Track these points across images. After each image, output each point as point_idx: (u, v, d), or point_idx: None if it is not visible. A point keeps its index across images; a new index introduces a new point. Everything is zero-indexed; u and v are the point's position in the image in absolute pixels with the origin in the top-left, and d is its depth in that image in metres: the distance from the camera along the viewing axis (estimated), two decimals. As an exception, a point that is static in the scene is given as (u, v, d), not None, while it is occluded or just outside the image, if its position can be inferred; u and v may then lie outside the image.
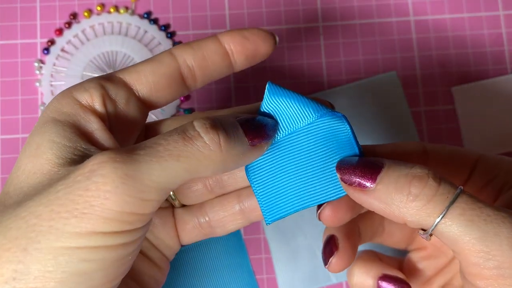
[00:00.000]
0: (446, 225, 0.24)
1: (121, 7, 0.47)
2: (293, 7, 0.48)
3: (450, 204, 0.23)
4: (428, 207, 0.24)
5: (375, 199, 0.25)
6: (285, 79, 0.47)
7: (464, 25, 0.48)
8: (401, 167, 0.25)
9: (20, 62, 0.47)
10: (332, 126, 0.28)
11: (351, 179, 0.26)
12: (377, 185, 0.25)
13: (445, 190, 0.24)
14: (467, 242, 0.23)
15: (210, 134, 0.24)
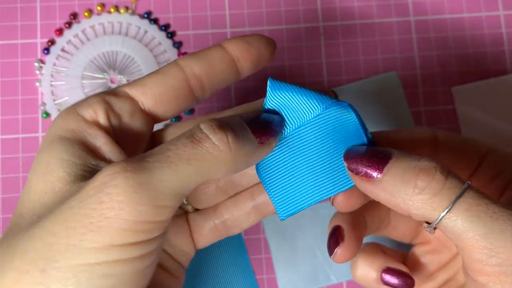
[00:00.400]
0: (451, 220, 0.23)
1: (121, 7, 0.47)
2: (293, 7, 0.48)
3: (457, 198, 0.23)
4: (434, 201, 0.24)
5: (381, 189, 0.25)
6: (285, 79, 0.47)
7: (464, 25, 0.48)
8: (409, 159, 0.25)
9: (20, 62, 0.47)
10: (338, 116, 0.28)
11: (358, 168, 0.26)
12: (384, 175, 0.25)
13: (452, 185, 0.24)
14: (471, 238, 0.23)
15: (218, 135, 0.24)
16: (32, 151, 0.45)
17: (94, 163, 0.25)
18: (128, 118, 0.28)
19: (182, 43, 0.47)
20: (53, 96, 0.46)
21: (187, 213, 0.32)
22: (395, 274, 0.31)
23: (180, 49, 0.47)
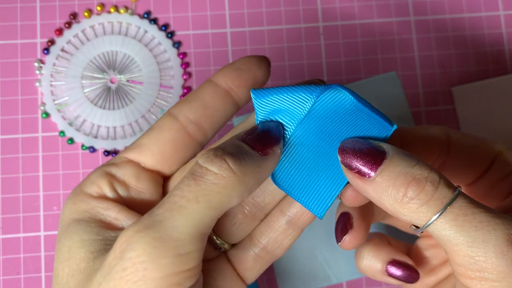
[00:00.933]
0: (437, 228, 0.24)
1: (121, 7, 0.47)
2: (293, 7, 0.48)
3: (444, 209, 0.24)
4: (420, 211, 0.24)
5: (372, 189, 0.25)
6: (285, 79, 0.47)
7: (464, 25, 0.48)
8: (404, 163, 0.25)
9: (20, 62, 0.47)
10: (334, 100, 0.27)
11: (352, 164, 0.26)
12: (376, 176, 0.25)
13: (441, 195, 0.24)
14: (455, 245, 0.24)
15: (217, 163, 0.24)
16: (32, 151, 0.45)
17: (113, 234, 0.25)
18: (134, 182, 0.27)
19: (182, 43, 0.47)
20: (52, 96, 0.46)
21: (225, 252, 0.31)
22: (401, 266, 0.31)
23: (179, 49, 0.47)
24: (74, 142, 0.46)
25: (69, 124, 0.46)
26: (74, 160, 0.45)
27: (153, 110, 0.46)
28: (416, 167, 0.24)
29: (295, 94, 0.27)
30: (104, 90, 0.46)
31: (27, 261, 0.44)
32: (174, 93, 0.46)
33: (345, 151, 0.26)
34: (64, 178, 0.45)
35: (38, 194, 0.45)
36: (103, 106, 0.46)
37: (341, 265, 0.44)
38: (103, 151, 0.46)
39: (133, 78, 0.47)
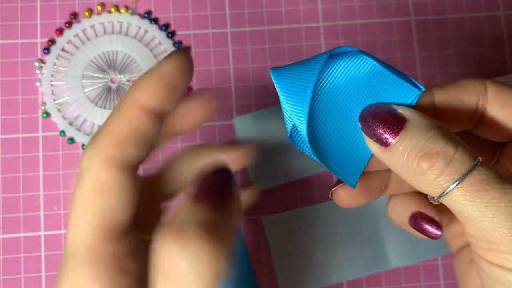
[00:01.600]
0: (449, 201, 0.24)
1: (121, 7, 0.47)
2: (294, 7, 0.48)
3: (456, 184, 0.24)
4: (432, 184, 0.24)
5: (389, 159, 0.25)
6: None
7: (464, 25, 0.48)
8: (419, 135, 0.25)
9: (21, 61, 0.47)
10: (354, 66, 0.26)
11: (370, 131, 0.26)
12: (393, 146, 0.25)
13: (453, 170, 0.24)
14: (466, 218, 0.24)
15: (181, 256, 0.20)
16: (33, 151, 0.45)
17: None
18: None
19: (182, 42, 0.47)
20: (53, 95, 0.46)
21: None
22: (424, 220, 0.31)
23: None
24: (75, 142, 0.46)
25: (70, 124, 0.46)
26: (74, 160, 0.45)
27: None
28: (430, 140, 0.24)
29: (312, 62, 0.26)
30: (104, 89, 0.46)
31: (27, 261, 0.44)
32: (175, 93, 0.46)
33: (364, 119, 0.26)
34: (64, 178, 0.45)
35: (38, 194, 0.45)
36: (103, 106, 0.46)
37: (342, 265, 0.44)
38: (103, 151, 0.46)
39: (133, 78, 0.47)
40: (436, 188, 0.24)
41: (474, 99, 0.28)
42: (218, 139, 0.46)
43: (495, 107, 0.28)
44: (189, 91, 0.47)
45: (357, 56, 0.26)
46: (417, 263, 0.45)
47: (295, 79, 0.26)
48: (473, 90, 0.28)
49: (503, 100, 0.28)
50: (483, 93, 0.28)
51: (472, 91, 0.28)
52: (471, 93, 0.28)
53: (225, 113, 0.47)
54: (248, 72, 0.47)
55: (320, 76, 0.26)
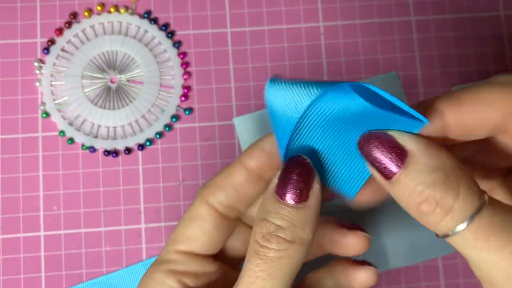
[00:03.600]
0: (451, 242, 0.24)
1: (121, 7, 0.47)
2: (294, 7, 0.48)
3: (454, 232, 0.23)
4: (433, 227, 0.24)
5: (390, 188, 0.24)
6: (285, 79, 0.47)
7: (464, 25, 0.48)
8: (419, 178, 0.23)
9: (20, 61, 0.47)
10: (345, 100, 0.25)
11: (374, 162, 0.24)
12: (396, 178, 0.24)
13: (453, 218, 0.23)
14: (468, 258, 0.24)
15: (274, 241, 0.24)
16: (32, 151, 0.45)
17: None
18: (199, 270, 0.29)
19: (182, 42, 0.47)
20: (53, 96, 0.46)
21: None
22: None
23: (180, 49, 0.47)
24: (74, 142, 0.46)
25: (69, 124, 0.46)
26: (74, 160, 0.45)
27: (153, 110, 0.46)
28: (430, 186, 0.23)
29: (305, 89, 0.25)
30: (104, 90, 0.46)
31: (27, 261, 0.44)
32: (175, 92, 0.46)
33: (363, 147, 0.25)
34: (64, 178, 0.45)
35: (38, 194, 0.45)
36: (103, 106, 0.46)
37: (342, 265, 0.44)
38: (103, 151, 0.46)
39: (133, 77, 0.46)
40: (437, 230, 0.24)
41: (498, 116, 0.25)
42: (218, 139, 0.46)
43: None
44: (188, 90, 0.47)
45: (342, 91, 0.24)
46: (417, 263, 0.45)
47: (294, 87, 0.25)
48: (498, 107, 0.25)
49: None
50: (508, 108, 0.25)
51: (496, 108, 0.25)
52: (495, 109, 0.25)
53: (225, 113, 0.46)
54: (248, 72, 0.47)
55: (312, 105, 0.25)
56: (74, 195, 0.45)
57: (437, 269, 0.45)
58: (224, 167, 0.30)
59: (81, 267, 0.44)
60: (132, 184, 0.45)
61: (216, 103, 0.47)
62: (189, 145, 0.46)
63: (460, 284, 0.45)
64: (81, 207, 0.45)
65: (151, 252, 0.45)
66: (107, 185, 0.45)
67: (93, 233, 0.45)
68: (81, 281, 0.44)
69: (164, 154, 0.46)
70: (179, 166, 0.46)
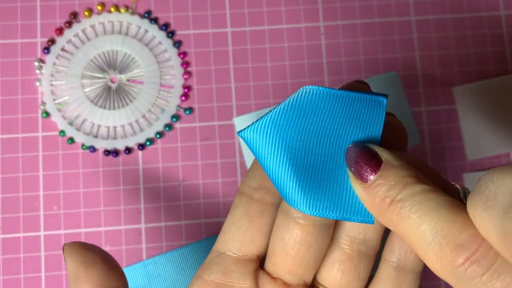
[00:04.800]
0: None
1: (121, 7, 0.47)
2: (294, 7, 0.48)
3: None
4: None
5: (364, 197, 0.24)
6: (285, 79, 0.47)
7: (465, 25, 0.48)
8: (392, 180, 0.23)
9: (20, 61, 0.47)
10: (309, 101, 0.25)
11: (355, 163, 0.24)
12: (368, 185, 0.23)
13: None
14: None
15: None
16: (32, 150, 0.45)
17: None
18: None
19: (182, 42, 0.47)
20: (53, 95, 0.46)
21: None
22: None
23: (180, 48, 0.47)
24: (74, 142, 0.46)
25: (69, 124, 0.46)
26: (74, 160, 0.45)
27: (154, 109, 0.46)
28: (398, 187, 0.22)
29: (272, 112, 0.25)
30: (104, 89, 0.46)
31: (27, 261, 0.44)
32: (175, 92, 0.46)
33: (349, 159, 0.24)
34: (64, 178, 0.45)
35: (38, 193, 0.45)
36: (103, 106, 0.46)
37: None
38: (103, 150, 0.45)
39: (133, 77, 0.46)
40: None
41: None
42: (218, 139, 0.46)
43: None
44: (189, 90, 0.47)
45: (303, 89, 0.25)
46: (417, 263, 0.45)
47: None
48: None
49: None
50: None
51: None
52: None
53: (225, 113, 0.46)
54: (248, 72, 0.47)
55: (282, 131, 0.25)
56: (74, 195, 0.45)
57: (437, 269, 0.45)
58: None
59: (81, 267, 0.44)
60: (132, 184, 0.45)
61: (216, 103, 0.47)
62: (189, 145, 0.46)
63: (460, 284, 0.45)
64: (81, 207, 0.45)
65: (151, 252, 0.45)
66: (107, 185, 0.45)
67: (93, 233, 0.45)
68: (81, 281, 0.44)
69: (164, 154, 0.46)
70: (179, 166, 0.46)
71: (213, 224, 0.45)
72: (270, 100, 0.47)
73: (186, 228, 0.45)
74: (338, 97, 0.25)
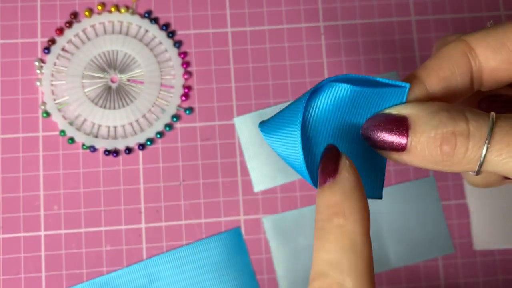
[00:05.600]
0: (490, 167, 0.24)
1: (121, 7, 0.47)
2: (294, 7, 0.48)
3: (485, 150, 0.24)
4: (465, 162, 0.24)
5: (411, 160, 0.25)
6: (285, 79, 0.47)
7: (465, 25, 0.48)
8: (427, 126, 0.24)
9: (21, 61, 0.47)
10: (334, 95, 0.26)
11: (380, 144, 0.25)
12: (410, 147, 0.24)
13: (476, 139, 0.24)
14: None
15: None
16: (33, 150, 0.45)
17: None
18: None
19: (182, 42, 0.47)
20: (53, 95, 0.46)
21: None
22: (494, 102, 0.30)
23: (180, 49, 0.47)
24: (75, 142, 0.46)
25: (70, 124, 0.46)
26: (74, 160, 0.45)
27: (154, 109, 0.46)
28: (440, 125, 0.24)
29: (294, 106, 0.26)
30: (104, 89, 0.46)
31: (27, 261, 0.44)
32: (175, 92, 0.46)
33: (368, 135, 0.26)
34: (64, 178, 0.45)
35: (38, 193, 0.45)
36: (103, 106, 0.46)
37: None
38: (103, 150, 0.46)
39: (133, 77, 0.46)
40: (470, 163, 0.24)
41: (465, 62, 0.27)
42: (219, 139, 0.46)
43: (490, 55, 0.27)
44: (189, 90, 0.47)
45: (333, 86, 0.26)
46: (417, 263, 0.45)
47: (281, 125, 0.26)
48: (459, 54, 0.27)
49: (493, 45, 0.27)
50: (470, 51, 0.27)
51: (458, 56, 0.27)
52: (458, 57, 0.27)
53: (226, 112, 0.47)
54: (248, 72, 0.47)
55: (306, 113, 0.26)
56: (74, 194, 0.45)
57: (437, 269, 0.46)
58: None
59: (81, 267, 0.44)
60: (132, 184, 0.45)
61: (216, 103, 0.47)
62: (190, 145, 0.46)
63: (460, 284, 0.45)
64: (82, 206, 0.45)
65: (151, 252, 0.45)
66: (107, 184, 0.45)
67: (93, 232, 0.45)
68: (81, 281, 0.44)
69: (165, 154, 0.46)
70: (179, 166, 0.46)
71: (213, 224, 0.45)
72: (270, 100, 0.47)
73: (186, 228, 0.45)
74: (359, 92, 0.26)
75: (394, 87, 0.25)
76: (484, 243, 0.46)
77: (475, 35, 0.27)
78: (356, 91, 0.26)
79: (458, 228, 0.46)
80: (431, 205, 0.46)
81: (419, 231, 0.45)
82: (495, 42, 0.26)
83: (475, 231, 0.46)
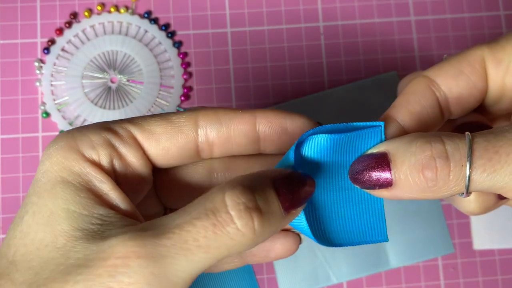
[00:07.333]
0: (478, 185, 0.24)
1: (121, 7, 0.47)
2: (294, 7, 0.48)
3: (468, 168, 0.24)
4: (451, 185, 0.24)
5: (401, 193, 0.25)
6: (285, 79, 0.47)
7: (464, 25, 0.48)
8: (406, 155, 0.24)
9: (20, 61, 0.47)
10: (316, 146, 0.26)
11: (369, 185, 0.25)
12: (395, 181, 0.25)
13: (456, 159, 0.24)
14: (503, 187, 0.24)
15: (244, 219, 0.22)
16: (32, 151, 0.45)
17: (102, 213, 0.24)
18: (133, 163, 0.26)
19: (182, 42, 0.47)
20: (53, 95, 0.46)
21: None
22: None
23: (180, 49, 0.47)
24: (74, 142, 0.46)
25: (70, 124, 0.46)
26: (74, 160, 0.45)
27: (154, 109, 0.46)
28: (417, 151, 0.24)
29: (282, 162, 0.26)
30: (104, 89, 0.46)
31: (27, 261, 0.44)
32: (175, 92, 0.46)
33: (356, 179, 0.26)
34: (64, 178, 0.45)
35: (38, 194, 0.45)
36: (103, 106, 0.46)
37: (342, 265, 0.44)
38: (103, 150, 0.46)
39: (133, 77, 0.47)
40: (457, 185, 0.24)
41: (430, 94, 0.28)
42: (218, 139, 0.46)
43: (451, 84, 0.28)
44: (189, 90, 0.47)
45: (312, 138, 0.26)
46: (417, 263, 0.45)
47: None
48: (423, 88, 0.28)
49: (451, 74, 0.28)
50: (432, 83, 0.28)
51: (422, 90, 0.28)
52: (423, 90, 0.28)
53: (225, 113, 0.46)
54: (248, 72, 0.47)
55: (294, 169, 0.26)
56: (74, 195, 0.45)
57: (437, 269, 0.46)
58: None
59: (81, 267, 0.44)
60: (132, 184, 0.45)
61: (216, 103, 0.47)
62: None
63: (460, 284, 0.45)
64: (81, 207, 0.45)
65: (151, 252, 0.45)
66: (107, 185, 0.45)
67: (93, 233, 0.45)
68: (81, 281, 0.44)
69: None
70: (179, 166, 0.46)
71: (213, 224, 0.45)
72: (269, 100, 0.47)
73: (186, 228, 0.45)
74: (339, 140, 0.26)
75: (370, 128, 0.26)
76: (484, 243, 0.46)
77: (433, 68, 0.28)
78: (335, 139, 0.26)
79: (458, 228, 0.46)
80: (431, 205, 0.46)
81: (419, 231, 0.45)
82: (453, 70, 0.28)
83: (475, 231, 0.46)
